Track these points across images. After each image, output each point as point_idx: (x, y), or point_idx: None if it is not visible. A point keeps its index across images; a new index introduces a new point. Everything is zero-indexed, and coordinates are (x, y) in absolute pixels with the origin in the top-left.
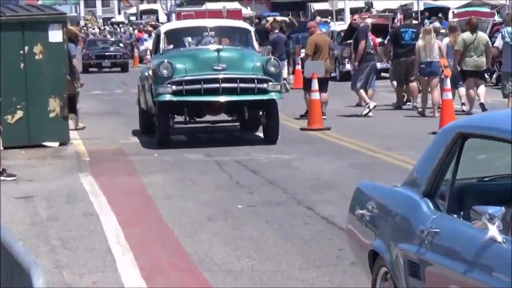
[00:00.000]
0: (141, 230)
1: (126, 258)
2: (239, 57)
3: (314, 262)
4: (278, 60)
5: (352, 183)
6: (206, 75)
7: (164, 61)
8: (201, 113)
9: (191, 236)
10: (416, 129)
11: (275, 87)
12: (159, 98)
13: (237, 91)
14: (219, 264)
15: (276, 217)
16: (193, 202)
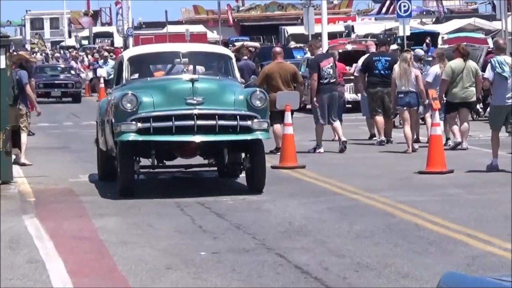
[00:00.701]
0: (92, 280)
1: None
2: (217, 88)
3: None
4: (265, 93)
5: (329, 228)
6: (178, 111)
7: (127, 93)
8: (171, 156)
9: (148, 286)
10: (401, 167)
11: (261, 124)
12: (121, 138)
13: (216, 129)
14: None
15: (243, 266)
16: (150, 248)
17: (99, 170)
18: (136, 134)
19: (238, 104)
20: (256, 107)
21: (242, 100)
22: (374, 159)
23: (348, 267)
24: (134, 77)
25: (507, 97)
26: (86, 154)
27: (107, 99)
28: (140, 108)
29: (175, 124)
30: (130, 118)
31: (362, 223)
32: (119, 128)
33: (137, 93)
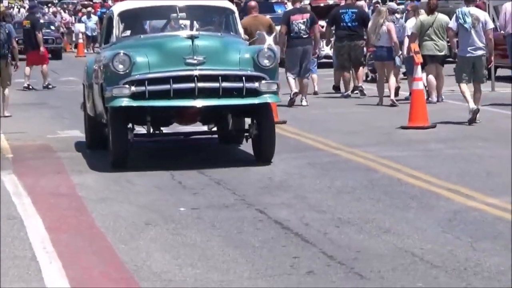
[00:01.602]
0: (70, 236)
1: (53, 267)
2: (220, 46)
3: (265, 271)
4: (274, 51)
5: (310, 183)
6: (177, 72)
7: (119, 53)
8: (168, 122)
9: (127, 242)
10: (383, 123)
11: (270, 86)
12: (113, 103)
13: (219, 92)
14: (158, 273)
15: (223, 222)
16: (129, 204)
17: (87, 138)
18: (129, 99)
19: (243, 63)
20: (264, 66)
21: (248, 58)
22: (355, 114)
23: (329, 223)
24: (126, 35)
25: (470, 49)
26: (64, 110)
27: (95, 59)
28: (133, 70)
29: (173, 87)
30: (123, 81)
31: (343, 179)
32: (111, 92)
33: (130, 52)
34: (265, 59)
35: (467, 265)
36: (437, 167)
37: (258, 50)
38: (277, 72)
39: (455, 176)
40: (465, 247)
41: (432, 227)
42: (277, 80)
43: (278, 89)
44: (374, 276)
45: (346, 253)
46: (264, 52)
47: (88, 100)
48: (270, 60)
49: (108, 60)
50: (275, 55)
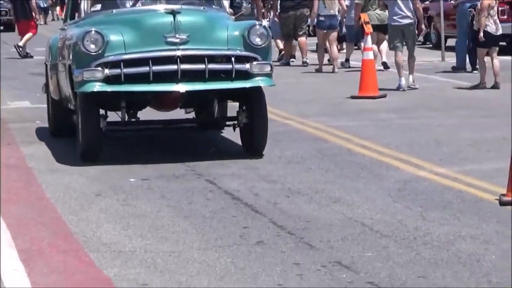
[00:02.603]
0: (20, 207)
1: (2, 238)
2: (206, 22)
3: (215, 241)
4: (267, 28)
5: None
6: (157, 52)
7: (90, 31)
8: (144, 107)
9: (77, 213)
10: (333, 93)
11: (262, 68)
12: (84, 89)
13: (205, 75)
14: (107, 244)
15: (173, 192)
16: (79, 176)
17: (50, 124)
18: (102, 83)
19: (232, 42)
20: (255, 45)
21: (238, 36)
22: (307, 84)
23: (279, 193)
24: (96, 9)
25: (397, 18)
26: (17, 82)
27: (59, 37)
28: (107, 50)
29: (152, 70)
30: (95, 63)
31: (293, 149)
32: (81, 76)
33: (103, 30)
34: (257, 37)
35: (417, 235)
36: (387, 137)
37: (249, 27)
38: (271, 51)
39: (405, 146)
40: (414, 217)
41: (382, 197)
42: (270, 61)
43: (272, 71)
44: (324, 246)
45: (296, 223)
46: (256, 29)
47: (51, 83)
48: (262, 38)
49: (77, 39)
50: (268, 32)
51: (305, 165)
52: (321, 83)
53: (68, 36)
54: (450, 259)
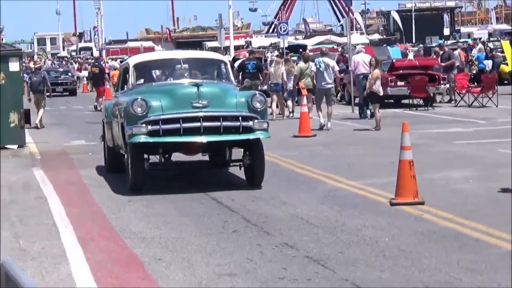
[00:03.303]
0: (78, 209)
1: (67, 230)
2: (220, 92)
3: (206, 231)
4: (264, 96)
5: (236, 171)
6: (185, 113)
7: (137, 98)
8: (174, 152)
9: (116, 213)
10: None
11: (261, 125)
12: (133, 140)
13: (220, 130)
14: (136, 233)
15: (178, 200)
16: (117, 189)
17: (106, 164)
18: (146, 136)
19: (239, 106)
20: (256, 108)
21: (243, 102)
22: None
23: (247, 198)
24: (140, 82)
25: (323, 84)
26: (74, 128)
27: (113, 102)
28: (149, 112)
29: (182, 126)
30: (141, 121)
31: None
32: (131, 130)
33: (147, 97)
34: (257, 103)
35: (337, 225)
36: (318, 162)
37: (251, 95)
38: (267, 113)
39: (329, 168)
40: (335, 213)
41: (314, 201)
42: (266, 119)
43: (268, 127)
44: (277, 233)
45: (258, 218)
46: (257, 97)
47: (107, 134)
48: (261, 104)
49: (128, 104)
50: (265, 99)
51: (265, 181)
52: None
53: (120, 102)
54: (358, 241)
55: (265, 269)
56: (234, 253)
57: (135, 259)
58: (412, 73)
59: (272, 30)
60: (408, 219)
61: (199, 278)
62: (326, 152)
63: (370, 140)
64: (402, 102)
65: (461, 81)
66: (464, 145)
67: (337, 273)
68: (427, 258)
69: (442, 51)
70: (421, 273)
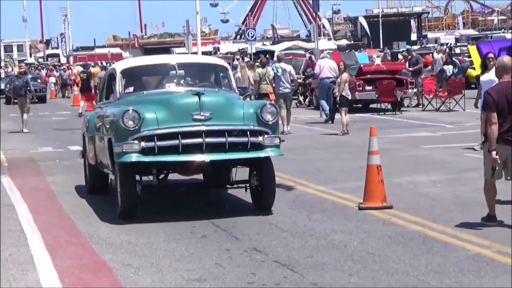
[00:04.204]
0: (46, 216)
1: (35, 236)
2: (225, 102)
3: (174, 236)
4: (276, 107)
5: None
6: (185, 127)
7: (128, 110)
8: (171, 172)
9: (84, 219)
10: None
11: (272, 140)
12: (123, 159)
13: (225, 147)
14: (104, 238)
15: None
16: (85, 195)
17: (88, 184)
18: (139, 154)
19: (247, 118)
20: (267, 121)
21: (252, 114)
22: None
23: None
24: (129, 91)
25: (281, 88)
26: (42, 134)
27: (96, 114)
28: (143, 126)
29: (182, 143)
30: (132, 137)
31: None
32: (121, 148)
33: (139, 109)
34: (268, 115)
35: (305, 229)
36: (286, 167)
37: (261, 106)
38: (278, 126)
39: (297, 173)
40: (303, 218)
41: (283, 205)
42: (278, 134)
43: (280, 143)
44: (245, 238)
45: (227, 223)
46: (267, 107)
47: (89, 151)
48: (272, 116)
49: (117, 116)
50: (277, 111)
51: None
52: None
53: (107, 114)
54: (327, 245)
55: (234, 274)
56: (202, 258)
57: (104, 265)
58: (379, 78)
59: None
60: (376, 223)
61: (167, 283)
62: (294, 157)
63: (338, 145)
64: (370, 107)
65: (429, 85)
66: (431, 150)
67: (306, 277)
68: (395, 262)
69: (410, 56)
70: (389, 276)
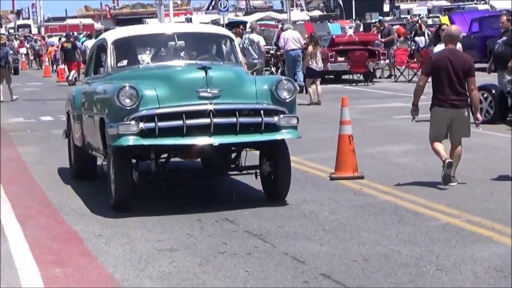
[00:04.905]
0: (17, 187)
1: (5, 207)
2: (235, 78)
3: (145, 206)
4: (293, 82)
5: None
6: (190, 106)
7: (125, 86)
8: (172, 156)
9: (55, 190)
10: None
11: (289, 121)
12: (119, 143)
13: (236, 128)
14: (75, 209)
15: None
16: (56, 166)
17: (73, 168)
18: (137, 136)
19: (261, 96)
20: (283, 99)
21: (266, 91)
22: None
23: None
24: (122, 65)
25: (250, 59)
26: (13, 105)
27: (82, 90)
28: (141, 104)
29: (186, 123)
30: (130, 117)
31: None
32: (116, 129)
33: (137, 85)
34: (284, 91)
35: (277, 200)
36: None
37: (276, 81)
38: (295, 105)
39: None
40: None
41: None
42: (296, 114)
43: (298, 123)
44: (216, 208)
45: (198, 193)
46: (284, 83)
47: (75, 131)
48: (290, 93)
49: (111, 93)
50: (295, 87)
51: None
52: None
53: (99, 90)
54: (298, 215)
55: (205, 244)
56: (174, 229)
57: (75, 235)
58: (352, 49)
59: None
60: (347, 193)
61: (139, 253)
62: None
63: (310, 115)
64: (342, 78)
65: (401, 56)
66: (403, 120)
67: (277, 247)
68: (366, 231)
69: (382, 27)
70: (360, 246)
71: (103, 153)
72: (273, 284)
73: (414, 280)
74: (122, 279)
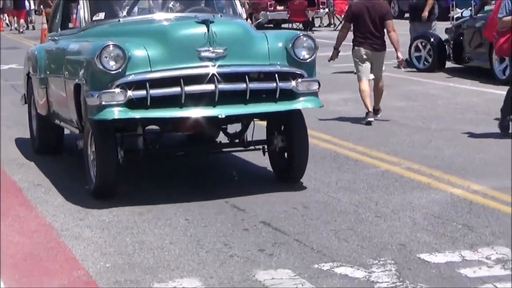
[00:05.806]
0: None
1: None
2: (243, 33)
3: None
4: (313, 38)
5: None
6: (190, 69)
7: (108, 45)
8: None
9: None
10: None
11: (309, 86)
12: (103, 115)
13: (245, 96)
14: (14, 159)
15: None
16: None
17: (36, 141)
18: (124, 108)
19: (274, 56)
20: (301, 60)
21: (281, 49)
22: None
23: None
24: (99, 18)
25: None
26: None
27: (47, 48)
28: (128, 68)
29: (185, 91)
30: (115, 84)
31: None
32: (98, 99)
33: (123, 43)
34: (303, 50)
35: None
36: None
37: (294, 38)
38: (315, 66)
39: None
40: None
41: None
42: (316, 77)
43: (319, 89)
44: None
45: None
46: (302, 40)
47: (38, 97)
48: (309, 52)
49: (91, 54)
50: (315, 45)
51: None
52: None
53: (73, 50)
54: (235, 163)
55: (146, 194)
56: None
57: (13, 185)
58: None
59: None
60: None
61: (78, 203)
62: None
63: None
64: (282, 27)
65: (340, 5)
66: (342, 68)
67: (217, 194)
68: (306, 179)
69: None
70: (300, 193)
71: (77, 126)
72: (213, 232)
73: (353, 227)
74: (61, 228)
